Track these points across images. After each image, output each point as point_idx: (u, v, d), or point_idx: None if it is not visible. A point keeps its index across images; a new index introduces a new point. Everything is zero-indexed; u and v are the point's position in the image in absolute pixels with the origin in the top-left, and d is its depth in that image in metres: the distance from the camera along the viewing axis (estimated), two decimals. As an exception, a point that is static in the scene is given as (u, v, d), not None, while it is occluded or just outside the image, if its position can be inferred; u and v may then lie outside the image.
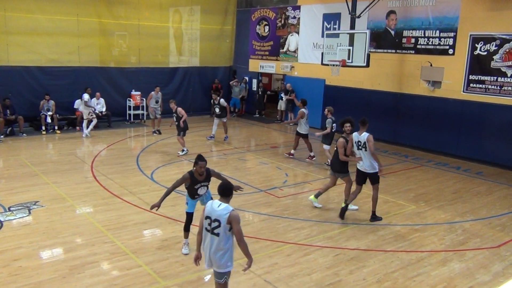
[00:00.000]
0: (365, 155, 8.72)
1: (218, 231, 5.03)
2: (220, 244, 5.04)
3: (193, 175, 6.94)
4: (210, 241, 5.10)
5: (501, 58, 13.42)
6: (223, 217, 4.99)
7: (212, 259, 5.12)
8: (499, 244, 8.12)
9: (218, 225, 5.03)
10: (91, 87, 17.65)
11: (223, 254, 5.07)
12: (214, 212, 5.07)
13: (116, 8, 18.52)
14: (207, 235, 5.14)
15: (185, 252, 7.26)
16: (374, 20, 16.44)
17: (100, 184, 10.69)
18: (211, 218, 5.08)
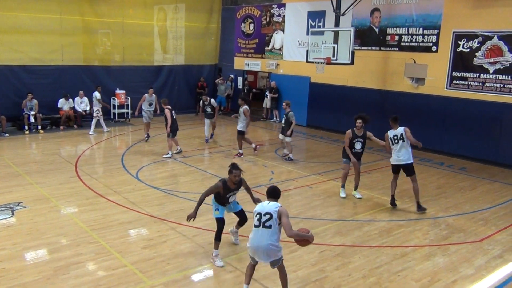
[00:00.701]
0: (403, 146, 9.64)
1: (270, 223, 5.56)
2: (273, 236, 5.55)
3: (226, 183, 6.82)
4: (261, 234, 5.57)
5: (483, 55, 13.61)
6: (274, 211, 5.58)
7: (267, 253, 5.59)
8: (482, 238, 8.24)
9: (269, 217, 5.57)
10: (75, 86, 17.57)
11: (275, 244, 5.58)
12: (264, 208, 5.66)
13: (99, 6, 18.35)
14: (257, 231, 5.62)
15: (220, 264, 6.83)
16: (359, 18, 16.53)
17: (84, 184, 10.60)
18: (261, 213, 5.62)
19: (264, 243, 5.57)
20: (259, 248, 5.62)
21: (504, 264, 7.26)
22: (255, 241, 5.65)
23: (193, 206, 9.27)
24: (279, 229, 5.66)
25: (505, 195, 10.80)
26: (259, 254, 5.69)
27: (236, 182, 6.84)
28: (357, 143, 10.17)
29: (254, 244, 5.67)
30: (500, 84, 13.30)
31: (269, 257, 5.66)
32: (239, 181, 6.86)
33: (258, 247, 5.63)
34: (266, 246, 5.57)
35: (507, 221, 9.11)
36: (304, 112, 18.93)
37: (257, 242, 5.63)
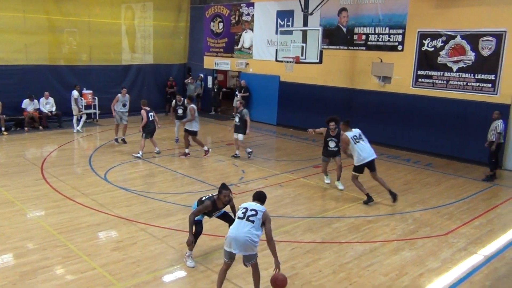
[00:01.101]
0: (365, 143, 9.93)
1: (254, 219, 5.69)
2: (252, 230, 5.64)
3: (215, 203, 6.73)
4: (243, 225, 5.66)
5: (447, 54, 13.99)
6: (261, 211, 5.76)
7: (243, 244, 5.62)
8: (447, 231, 8.49)
9: (255, 213, 5.72)
10: (40, 86, 17.15)
11: (254, 239, 5.62)
12: (251, 205, 5.84)
13: (64, 4, 17.94)
14: (239, 222, 5.72)
15: (191, 265, 6.79)
16: (326, 17, 16.72)
17: (51, 186, 10.37)
18: (248, 208, 5.79)
19: (242, 234, 5.62)
20: (237, 238, 5.64)
21: (468, 256, 7.49)
22: (235, 231, 5.69)
23: (163, 206, 9.29)
24: (260, 228, 5.73)
25: (469, 190, 11.13)
26: (235, 245, 5.67)
27: (225, 202, 6.75)
28: (331, 142, 10.84)
29: (233, 233, 5.69)
30: (463, 82, 13.69)
31: (244, 250, 5.67)
32: (228, 200, 6.74)
33: (236, 237, 5.65)
34: (244, 238, 5.61)
35: (471, 214, 9.40)
36: (274, 110, 19.03)
37: (236, 232, 5.67)
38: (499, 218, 9.38)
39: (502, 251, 7.73)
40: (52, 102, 17.25)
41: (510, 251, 7.76)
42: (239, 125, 13.05)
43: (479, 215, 9.38)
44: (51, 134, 16.14)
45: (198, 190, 10.44)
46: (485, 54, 13.17)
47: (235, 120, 13.23)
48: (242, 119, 12.99)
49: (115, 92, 17.85)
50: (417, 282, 6.60)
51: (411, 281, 6.61)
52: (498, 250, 7.76)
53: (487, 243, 8.04)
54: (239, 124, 13.05)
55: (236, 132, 13.22)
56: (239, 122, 13.04)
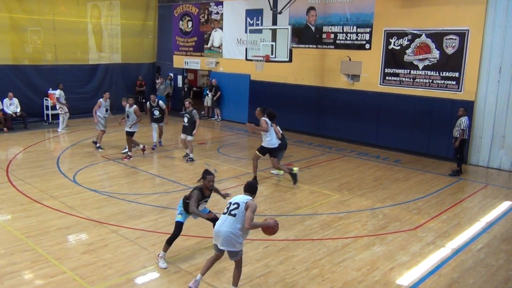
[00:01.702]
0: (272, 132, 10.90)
1: (235, 212, 5.78)
2: (234, 223, 5.74)
3: (202, 190, 6.74)
4: (225, 220, 5.81)
5: (413, 52, 14.30)
6: (243, 202, 5.82)
7: (225, 239, 5.76)
8: (416, 226, 8.69)
9: (236, 207, 5.81)
10: (2, 87, 16.68)
11: (234, 233, 5.74)
12: (235, 199, 5.93)
13: (27, 2, 17.49)
14: (222, 217, 5.87)
15: (163, 266, 6.73)
16: (295, 16, 16.84)
17: (17, 189, 10.08)
18: (231, 202, 5.90)
19: (224, 229, 5.76)
20: (219, 232, 5.82)
21: (436, 249, 7.69)
22: (218, 226, 5.88)
23: (135, 207, 9.17)
24: (243, 220, 5.76)
25: (436, 185, 11.43)
26: (218, 239, 5.85)
27: (210, 188, 6.81)
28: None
29: (217, 228, 5.89)
30: (429, 80, 14.03)
31: (226, 245, 5.79)
32: (212, 186, 6.81)
33: (219, 232, 5.82)
34: (225, 233, 5.75)
35: (438, 209, 9.66)
36: (245, 109, 19.03)
37: (219, 227, 5.85)
38: (465, 212, 9.67)
39: (469, 244, 7.96)
40: (17, 103, 16.79)
41: (476, 243, 8.01)
42: (188, 126, 12.64)
43: (446, 209, 9.65)
44: (16, 135, 15.69)
45: (170, 191, 10.35)
46: (449, 52, 13.54)
47: (184, 120, 12.76)
48: (191, 120, 12.58)
49: (83, 92, 17.56)
50: (388, 276, 6.73)
51: (382, 275, 6.74)
52: (465, 243, 7.99)
53: (454, 236, 8.28)
54: (188, 125, 12.64)
55: (184, 133, 12.80)
56: (188, 123, 12.61)
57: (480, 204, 10.18)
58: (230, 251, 5.85)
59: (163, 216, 8.75)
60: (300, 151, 14.69)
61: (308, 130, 17.03)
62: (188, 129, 12.69)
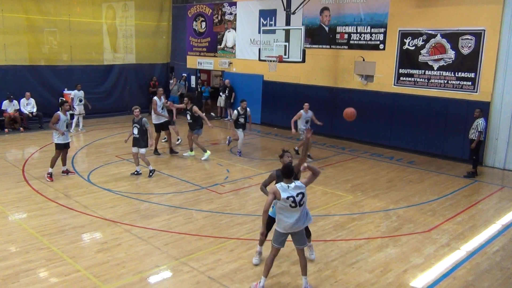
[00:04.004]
0: None
1: (304, 200, 5.98)
2: (306, 211, 6.09)
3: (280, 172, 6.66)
4: (301, 212, 5.97)
5: (428, 52, 14.17)
6: (303, 189, 5.97)
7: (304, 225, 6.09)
8: (430, 228, 8.60)
9: (303, 196, 5.96)
10: (19, 87, 16.90)
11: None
12: (294, 191, 5.89)
13: (44, 3, 17.70)
14: (294, 211, 5.92)
15: (255, 262, 6.92)
16: (309, 17, 16.80)
17: (33, 188, 10.21)
18: (294, 195, 5.87)
19: (304, 220, 6.08)
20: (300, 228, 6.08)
21: (451, 252, 7.61)
22: (295, 221, 5.98)
23: (148, 207, 9.23)
24: None
25: (451, 187, 11.30)
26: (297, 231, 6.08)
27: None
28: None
29: (296, 224, 6.00)
30: (444, 80, 13.89)
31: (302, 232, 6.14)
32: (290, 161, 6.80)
33: (300, 226, 6.06)
34: (304, 223, 6.09)
35: (453, 211, 9.55)
36: (258, 110, 19.05)
37: (297, 222, 5.99)
38: (481, 214, 9.55)
39: (484, 247, 7.86)
40: (33, 103, 17.01)
41: (492, 246, 7.90)
42: (139, 137, 11.16)
43: (461, 211, 9.53)
44: (32, 135, 15.89)
45: (183, 190, 10.40)
46: (465, 53, 13.38)
47: (135, 133, 11.19)
48: (142, 129, 11.15)
49: (97, 93, 17.71)
50: (401, 278, 6.67)
51: (395, 277, 6.69)
52: (480, 246, 7.89)
53: (469, 238, 8.18)
54: (139, 136, 11.16)
55: (137, 146, 11.28)
56: (139, 133, 11.14)
57: (496, 206, 10.04)
58: (303, 235, 6.16)
59: (176, 216, 8.79)
60: (313, 151, 14.63)
61: (321, 131, 16.93)
62: (141, 140, 11.20)
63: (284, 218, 5.98)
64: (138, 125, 11.18)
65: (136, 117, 11.30)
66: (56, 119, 10.76)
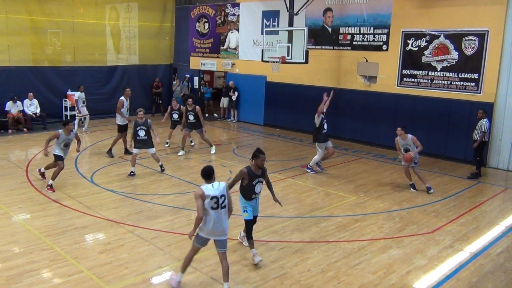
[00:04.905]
0: None
1: (225, 203, 6.03)
2: (226, 214, 6.07)
3: (251, 169, 6.92)
4: (221, 215, 5.98)
5: (431, 53, 14.14)
6: (225, 190, 6.05)
7: (223, 232, 6.05)
8: (434, 229, 8.58)
9: (224, 198, 6.02)
10: (23, 88, 16.96)
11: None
12: (217, 191, 5.97)
13: (47, 5, 17.76)
14: (216, 212, 5.92)
15: (258, 260, 6.91)
16: (312, 18, 16.79)
17: (36, 189, 10.24)
18: (218, 196, 5.94)
19: (224, 222, 6.03)
20: (219, 229, 6.00)
21: (454, 253, 7.59)
22: (218, 223, 5.96)
23: (151, 208, 9.25)
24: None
25: (454, 188, 11.27)
26: (219, 234, 6.04)
27: (261, 166, 6.94)
28: (189, 115, 13.64)
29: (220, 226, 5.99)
30: (447, 81, 13.86)
31: (224, 236, 6.09)
32: (263, 164, 6.96)
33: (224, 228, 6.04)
34: (225, 225, 6.05)
35: (457, 212, 9.52)
36: (261, 111, 19.06)
37: (220, 223, 5.97)
38: (484, 215, 9.52)
39: (488, 248, 7.84)
40: (36, 104, 17.06)
41: (496, 247, 7.88)
42: (147, 138, 11.52)
43: (465, 213, 9.51)
44: (36, 136, 15.93)
45: (186, 191, 10.40)
46: (469, 54, 13.35)
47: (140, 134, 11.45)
48: (148, 130, 11.51)
49: (101, 94, 17.74)
50: (404, 279, 6.66)
51: (398, 278, 6.67)
52: (484, 247, 7.87)
53: (473, 240, 8.15)
54: (146, 137, 11.51)
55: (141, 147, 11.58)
56: (146, 135, 11.47)
57: (500, 208, 10.01)
58: (225, 240, 6.10)
59: (179, 217, 8.80)
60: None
61: (324, 132, 16.95)
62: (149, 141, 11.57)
63: (206, 221, 5.95)
64: (144, 127, 11.42)
65: (141, 119, 11.46)
66: (54, 136, 10.17)
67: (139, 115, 11.51)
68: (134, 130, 11.46)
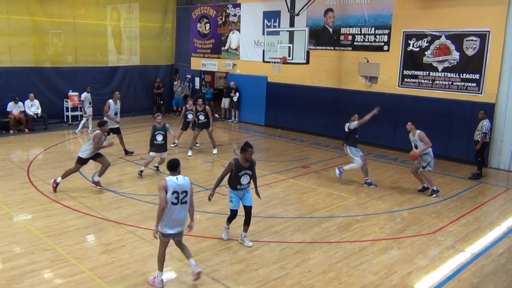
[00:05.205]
0: None
1: (186, 199, 6.16)
2: (187, 209, 6.23)
3: (239, 162, 7.28)
4: (179, 210, 6.13)
5: (432, 53, 14.13)
6: (189, 187, 6.18)
7: (182, 223, 6.26)
8: (435, 230, 8.57)
9: (186, 195, 6.14)
10: (24, 88, 16.99)
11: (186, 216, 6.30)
12: (180, 187, 6.09)
13: (49, 6, 17.77)
14: (175, 207, 6.08)
15: (225, 237, 7.77)
16: (313, 18, 16.79)
17: (37, 189, 10.25)
18: (179, 191, 6.07)
19: (182, 217, 6.22)
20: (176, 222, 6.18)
21: (456, 254, 7.58)
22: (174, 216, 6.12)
23: (152, 208, 9.24)
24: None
25: (455, 188, 11.26)
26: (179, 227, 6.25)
27: (249, 159, 7.28)
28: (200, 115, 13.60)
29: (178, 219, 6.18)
30: (448, 82, 13.85)
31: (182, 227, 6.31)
32: (251, 160, 7.33)
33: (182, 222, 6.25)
34: (183, 220, 6.25)
35: (458, 212, 9.52)
36: (262, 111, 19.06)
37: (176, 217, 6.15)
38: (486, 216, 9.51)
39: (489, 249, 7.83)
40: (37, 104, 17.08)
41: (497, 248, 7.87)
42: (164, 143, 11.59)
43: (466, 213, 9.50)
44: (37, 136, 15.95)
45: (186, 192, 10.39)
46: (470, 54, 13.34)
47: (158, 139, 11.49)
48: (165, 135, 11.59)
49: (102, 94, 17.75)
50: (406, 280, 6.65)
51: (400, 279, 6.66)
52: (485, 248, 7.86)
53: (474, 240, 8.15)
54: (163, 142, 11.58)
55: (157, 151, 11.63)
56: (163, 140, 11.53)
57: (501, 208, 10.00)
58: (182, 230, 6.35)
59: (180, 217, 8.79)
60: (317, 153, 14.64)
61: (325, 132, 16.95)
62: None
63: (166, 214, 6.07)
64: (163, 132, 11.49)
65: (159, 124, 11.51)
66: (100, 138, 10.14)
67: (157, 120, 11.58)
68: (152, 135, 11.51)
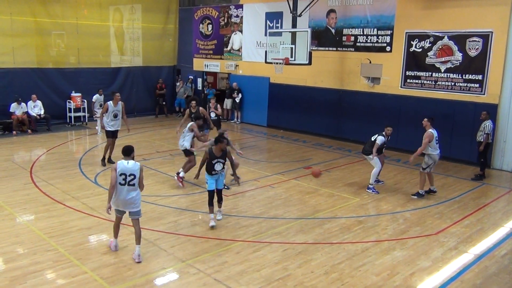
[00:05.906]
0: None
1: (134, 182, 6.80)
2: (136, 191, 6.86)
3: (212, 151, 8.14)
4: (127, 191, 6.78)
5: (435, 54, 14.11)
6: (137, 171, 6.81)
7: (129, 203, 6.85)
8: (438, 231, 8.55)
9: (133, 177, 6.78)
10: (27, 89, 17.02)
11: (138, 198, 6.91)
12: (128, 169, 6.76)
13: (52, 7, 17.82)
14: (123, 188, 6.75)
15: (212, 224, 8.22)
16: (315, 19, 16.79)
17: (40, 190, 10.27)
18: (126, 174, 6.73)
19: (128, 198, 6.81)
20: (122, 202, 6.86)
21: (459, 255, 7.56)
22: (121, 196, 6.81)
23: (154, 209, 9.27)
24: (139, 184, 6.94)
25: (458, 189, 11.24)
26: (125, 206, 6.89)
27: (223, 149, 8.12)
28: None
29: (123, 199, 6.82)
30: (451, 83, 13.82)
31: (132, 208, 6.91)
32: (224, 150, 8.15)
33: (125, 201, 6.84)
34: (129, 201, 6.82)
35: (461, 214, 9.49)
36: (264, 112, 19.06)
37: (123, 197, 6.81)
38: (489, 217, 9.48)
39: (492, 250, 7.81)
40: (40, 105, 17.11)
41: (500, 249, 7.85)
42: None
43: (469, 214, 9.47)
44: (40, 137, 15.99)
45: (189, 193, 10.42)
46: (472, 55, 13.32)
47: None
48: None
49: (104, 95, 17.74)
50: (408, 281, 6.64)
51: (402, 280, 6.65)
52: (488, 249, 7.84)
53: (477, 241, 8.12)
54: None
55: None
56: None
57: (504, 209, 9.97)
58: (136, 211, 6.93)
59: (183, 218, 8.81)
60: (319, 154, 14.63)
61: (327, 133, 16.94)
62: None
63: (116, 192, 6.77)
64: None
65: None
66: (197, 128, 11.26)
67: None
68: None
